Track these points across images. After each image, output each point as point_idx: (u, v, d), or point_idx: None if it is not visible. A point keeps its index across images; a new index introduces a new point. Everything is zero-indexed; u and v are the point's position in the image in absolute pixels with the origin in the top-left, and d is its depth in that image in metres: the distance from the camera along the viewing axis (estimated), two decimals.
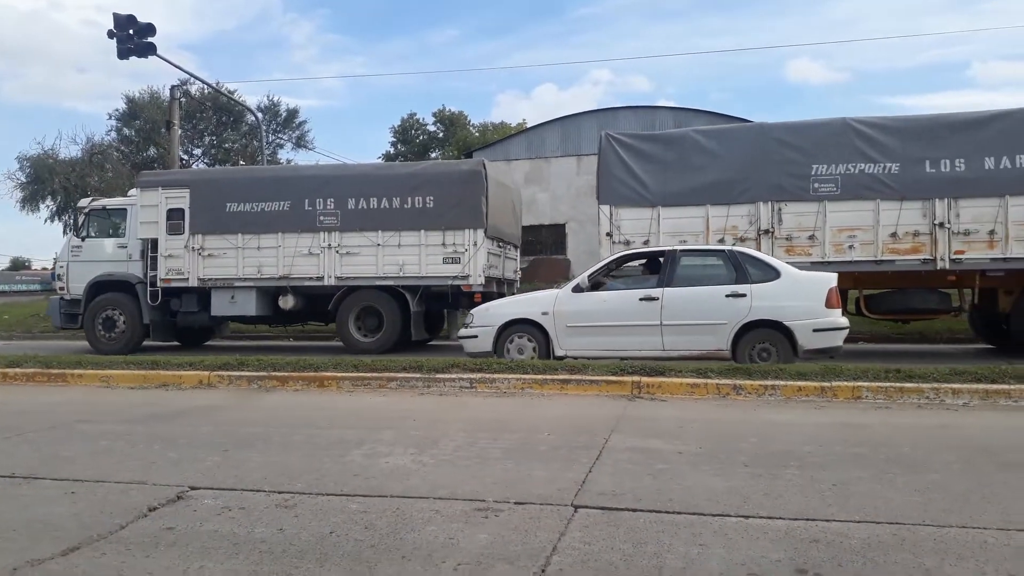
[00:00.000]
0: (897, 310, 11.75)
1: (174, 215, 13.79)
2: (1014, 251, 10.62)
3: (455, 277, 12.72)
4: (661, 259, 9.71)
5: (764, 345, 9.02)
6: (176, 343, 15.25)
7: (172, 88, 24.56)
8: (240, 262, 13.55)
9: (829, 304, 8.98)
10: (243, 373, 8.64)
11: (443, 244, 12.77)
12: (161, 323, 14.13)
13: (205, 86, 34.38)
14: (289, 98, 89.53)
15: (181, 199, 13.84)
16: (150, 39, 18.69)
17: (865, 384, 7.24)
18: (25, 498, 4.33)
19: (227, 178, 14.86)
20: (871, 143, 11.14)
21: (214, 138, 44.15)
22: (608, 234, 11.83)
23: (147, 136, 41.64)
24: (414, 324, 13.01)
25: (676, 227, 11.57)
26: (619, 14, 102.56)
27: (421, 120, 59.27)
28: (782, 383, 7.35)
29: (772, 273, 9.17)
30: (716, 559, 3.24)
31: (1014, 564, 3.15)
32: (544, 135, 28.66)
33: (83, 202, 15.28)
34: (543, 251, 26.89)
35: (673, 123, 27.01)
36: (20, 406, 7.67)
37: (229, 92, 36.25)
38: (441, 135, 57.99)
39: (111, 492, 4.40)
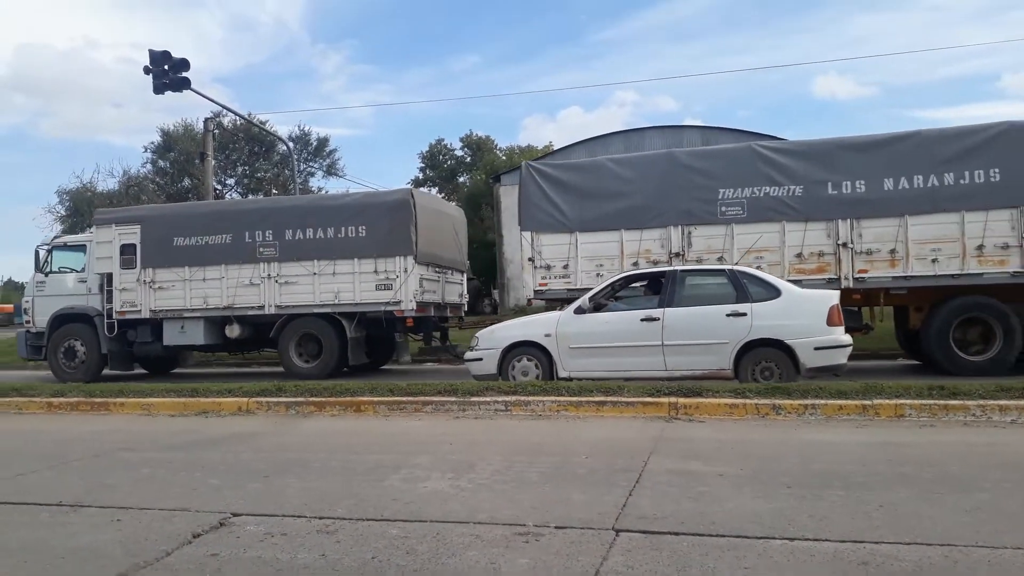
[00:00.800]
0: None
1: (127, 250, 14.42)
2: (915, 269, 10.84)
3: (388, 303, 13.07)
4: (663, 279, 9.73)
5: (766, 364, 8.99)
6: (140, 371, 15.75)
7: (206, 120, 25.12)
8: (188, 294, 14.10)
9: (831, 322, 8.94)
10: (281, 399, 8.71)
11: (375, 271, 13.17)
12: (119, 353, 14.67)
13: (237, 117, 35.16)
14: (319, 127, 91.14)
15: (133, 235, 14.47)
16: (184, 74, 19.16)
17: (908, 402, 7.09)
18: (72, 526, 4.39)
19: (173, 213, 15.43)
20: (775, 167, 11.45)
21: (247, 168, 44.98)
22: (530, 259, 12.29)
23: (181, 168, 42.55)
24: (351, 349, 13.32)
25: (593, 251, 11.99)
26: (640, 36, 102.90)
27: (449, 145, 59.82)
28: (822, 402, 7.23)
29: (773, 292, 9.17)
30: None
31: None
32: (571, 156, 28.66)
33: (45, 239, 15.88)
34: None
35: (701, 141, 26.95)
36: (64, 435, 7.81)
37: (261, 123, 36.97)
38: (468, 159, 58.42)
39: (155, 519, 4.45)
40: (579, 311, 9.62)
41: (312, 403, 8.54)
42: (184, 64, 19.00)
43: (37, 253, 15.37)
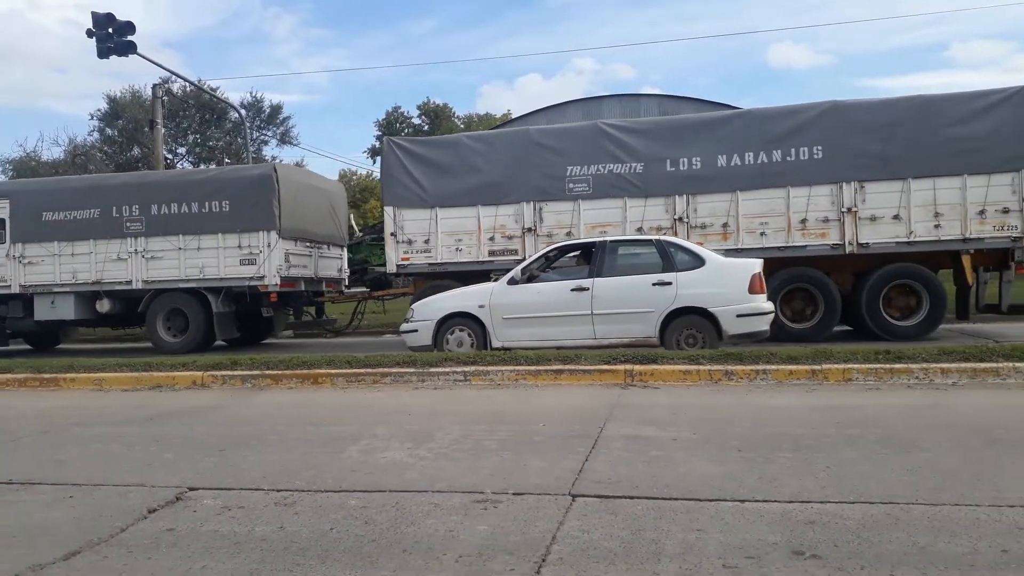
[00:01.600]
0: None
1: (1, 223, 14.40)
2: (745, 242, 11.42)
3: (251, 278, 13.24)
4: (593, 250, 9.89)
5: (691, 331, 9.25)
6: (22, 347, 15.80)
7: (154, 87, 24.38)
8: (57, 268, 14.12)
9: (752, 290, 9.20)
10: (236, 372, 8.62)
11: (239, 246, 13.30)
12: None
13: (187, 84, 34.16)
14: (273, 94, 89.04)
15: (3, 210, 14.42)
16: (130, 37, 18.51)
17: (855, 366, 7.30)
18: (23, 504, 4.32)
19: (43, 188, 15.29)
20: (619, 145, 11.93)
21: (198, 136, 43.87)
22: (392, 234, 12.69)
23: (130, 136, 41.31)
24: (218, 324, 13.45)
25: (452, 227, 12.45)
26: (598, 1, 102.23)
27: (406, 113, 59.15)
28: (773, 367, 7.41)
29: (697, 261, 9.40)
30: (714, 544, 3.28)
31: (1006, 540, 3.21)
32: (529, 125, 28.60)
33: None
34: None
35: (659, 110, 27.04)
36: (12, 411, 7.64)
37: (212, 89, 36.04)
38: (426, 128, 57.84)
39: (109, 495, 4.40)
40: (512, 282, 9.78)
41: (268, 376, 8.47)
42: (129, 27, 18.36)
43: None
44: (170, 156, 38.24)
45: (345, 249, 16.03)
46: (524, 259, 11.99)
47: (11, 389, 9.14)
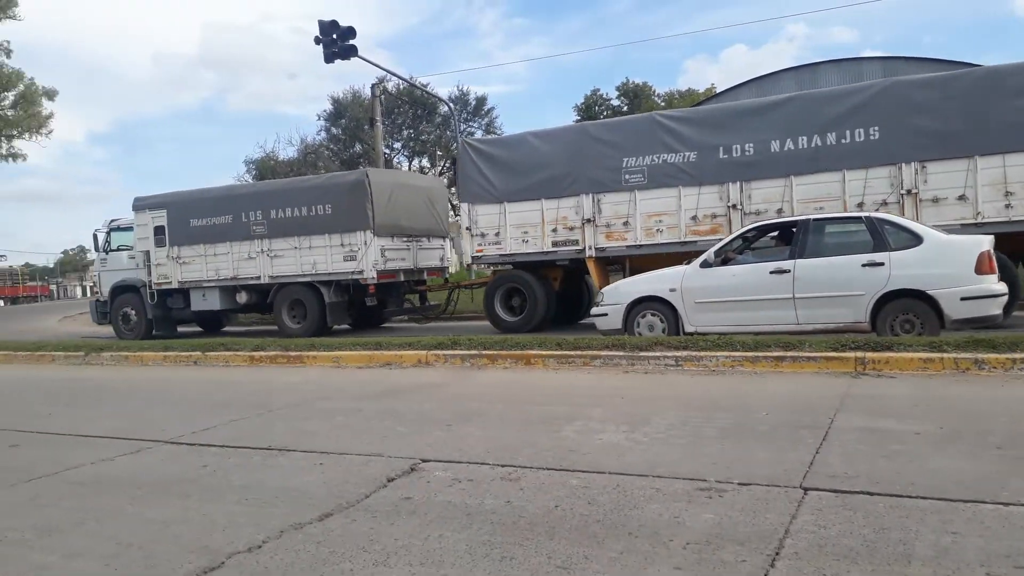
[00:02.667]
0: None
1: (158, 231, 16.62)
2: None
3: (353, 272, 14.51)
4: (794, 229, 9.22)
5: (907, 316, 8.35)
6: (196, 328, 18.48)
7: (373, 86, 26.21)
8: (204, 267, 16.15)
9: (980, 270, 8.12)
10: (457, 352, 9.08)
11: (342, 244, 14.65)
12: (161, 317, 16.94)
13: (401, 82, 36.35)
14: (477, 86, 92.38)
15: (161, 218, 16.64)
16: (352, 41, 20.02)
17: None
18: (282, 468, 4.83)
19: (189, 199, 16.95)
20: (673, 135, 11.93)
21: (411, 131, 46.61)
22: (467, 228, 13.50)
23: (352, 134, 44.79)
24: (330, 313, 14.85)
25: (519, 220, 13.01)
26: None
27: (605, 95, 58.88)
28: None
29: (914, 239, 8.46)
30: (973, 549, 2.97)
31: None
32: (738, 97, 27.36)
33: (103, 223, 18.00)
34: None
35: (883, 73, 24.79)
36: (267, 385, 8.59)
37: (423, 85, 38.07)
38: (626, 108, 57.26)
39: (353, 463, 4.81)
40: (705, 265, 9.37)
41: (485, 356, 8.84)
42: (351, 32, 19.83)
43: (95, 236, 17.77)
44: (387, 151, 40.94)
45: (447, 239, 16.77)
46: (584, 248, 12.61)
47: (264, 365, 10.28)
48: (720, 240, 10.61)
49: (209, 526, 3.75)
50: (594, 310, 10.31)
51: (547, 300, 13.11)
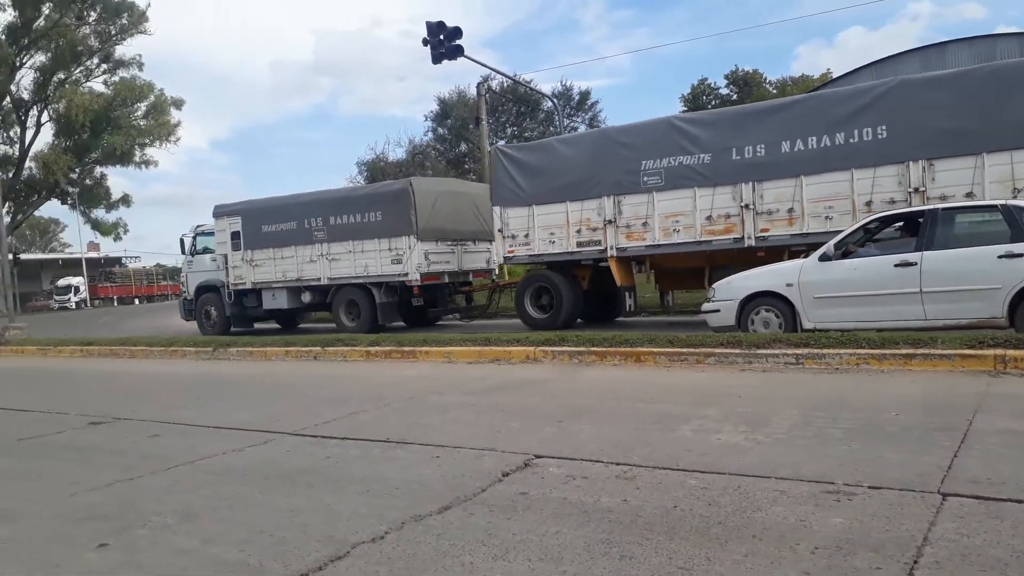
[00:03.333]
0: None
1: (235, 236, 17.92)
2: (810, 227, 11.14)
3: (399, 275, 15.47)
4: (920, 220, 8.57)
5: None
6: (274, 326, 19.75)
7: (478, 85, 26.56)
8: (274, 269, 17.39)
9: None
10: (564, 348, 9.07)
11: (389, 249, 15.64)
12: (238, 315, 18.32)
13: (505, 80, 36.65)
14: (581, 81, 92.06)
15: (237, 224, 17.96)
16: (458, 41, 20.33)
17: None
18: (400, 460, 4.96)
19: (260, 207, 18.27)
20: (688, 137, 12.15)
21: (515, 128, 46.93)
22: (499, 230, 14.14)
23: (458, 133, 45.55)
24: (380, 312, 15.82)
25: (546, 221, 13.54)
26: None
27: (712, 84, 57.36)
28: None
29: None
30: None
31: None
32: (856, 82, 25.98)
33: (189, 229, 19.57)
34: None
35: (1019, 51, 23.05)
36: (382, 379, 8.85)
37: (526, 82, 38.25)
38: (735, 97, 55.58)
39: (467, 457, 4.88)
40: (824, 258, 8.90)
41: (594, 352, 8.79)
42: (457, 32, 20.15)
43: (182, 240, 19.38)
44: (492, 149, 41.37)
45: (493, 243, 16.85)
46: (606, 248, 12.92)
47: (379, 360, 10.59)
48: (779, 235, 11.28)
49: (333, 516, 3.89)
50: (705, 306, 10.05)
51: (573, 298, 13.49)
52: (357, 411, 6.76)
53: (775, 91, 47.48)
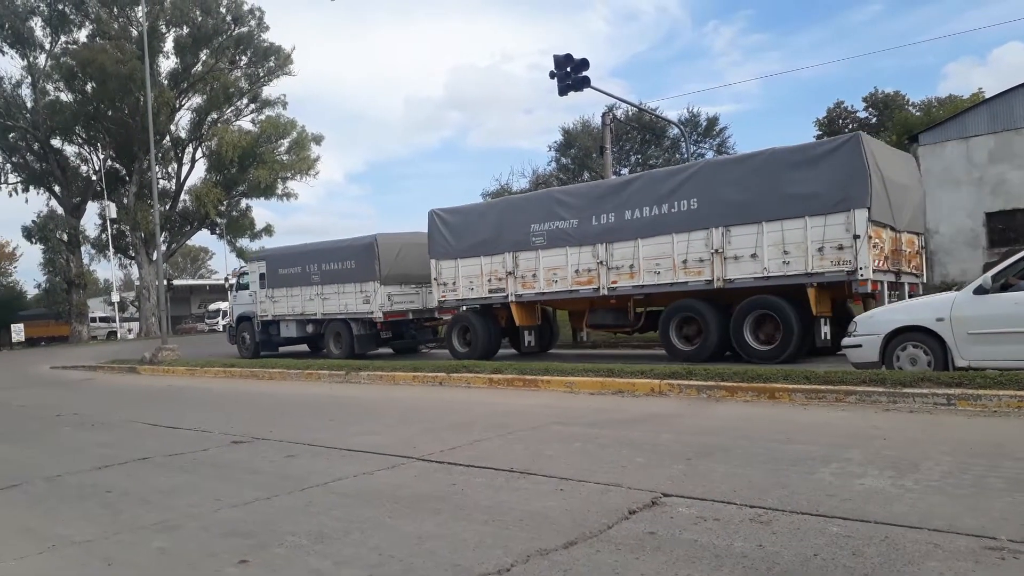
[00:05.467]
0: (598, 324, 15.16)
1: (261, 277, 21.70)
2: (645, 280, 13.30)
3: (367, 313, 18.55)
4: None
5: None
6: (302, 349, 22.52)
7: (603, 115, 26.51)
8: (287, 304, 20.86)
9: None
10: (692, 382, 8.82)
11: (361, 291, 18.77)
12: (265, 341, 21.83)
13: (629, 108, 36.51)
14: (708, 107, 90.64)
15: (263, 268, 21.78)
16: (584, 73, 20.45)
17: None
18: (524, 491, 4.93)
19: (279, 254, 22.40)
20: (562, 206, 14.56)
21: (639, 156, 46.61)
22: (435, 278, 16.62)
23: (581, 162, 45.71)
24: (357, 342, 18.79)
25: (467, 272, 16.02)
26: None
27: (849, 108, 54.94)
28: None
29: None
30: None
31: None
32: (1013, 102, 24.18)
33: (233, 270, 23.65)
34: (1019, 240, 22.57)
35: None
36: (505, 407, 8.89)
37: (652, 110, 37.95)
38: (874, 120, 52.96)
39: (592, 492, 4.79)
40: (980, 291, 8.14)
41: (724, 387, 8.48)
42: (584, 64, 20.27)
43: (227, 280, 23.67)
44: (615, 177, 41.23)
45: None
46: (508, 294, 15.16)
47: (501, 388, 10.67)
48: (624, 286, 13.61)
49: (460, 544, 3.91)
50: (846, 340, 9.48)
51: (488, 335, 15.91)
52: (481, 438, 6.81)
53: (918, 113, 44.85)
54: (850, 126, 54.84)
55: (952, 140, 24.56)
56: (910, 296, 12.14)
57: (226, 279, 23.63)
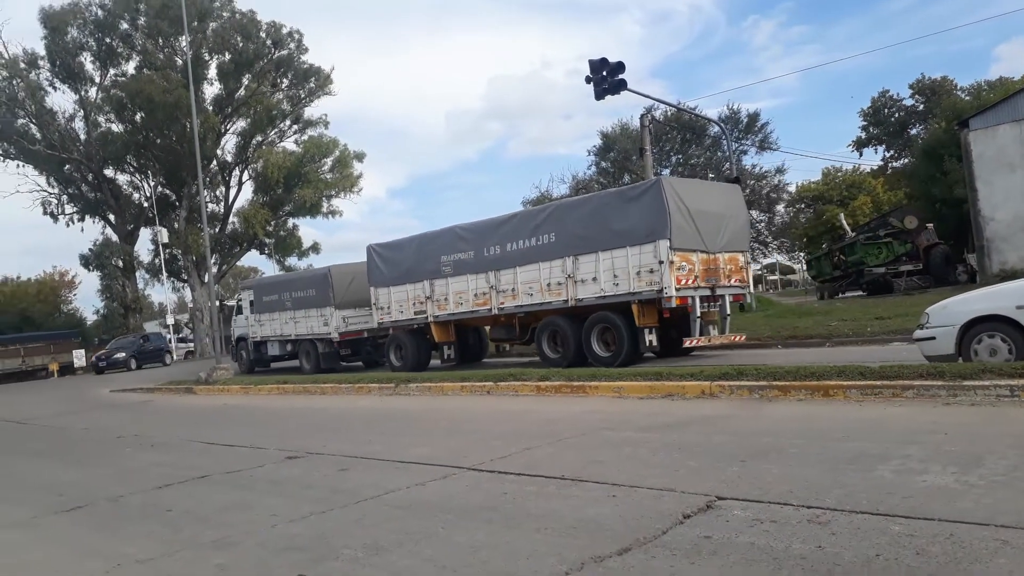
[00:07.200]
0: (497, 338, 18.01)
1: (252, 303, 24.68)
2: (522, 300, 15.54)
3: (327, 333, 21.33)
4: None
5: None
6: (293, 364, 24.13)
7: (641, 116, 26.45)
8: (270, 327, 23.74)
9: None
10: (743, 383, 8.67)
11: (320, 315, 21.58)
12: (257, 359, 24.89)
13: (668, 109, 36.25)
14: (747, 103, 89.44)
15: (250, 295, 25.03)
16: (621, 76, 20.37)
17: None
18: (576, 499, 4.91)
19: (263, 283, 26.28)
20: (463, 240, 16.85)
21: (680, 156, 46.18)
22: (374, 303, 19.10)
23: (621, 166, 45.46)
24: (323, 359, 21.68)
25: (398, 297, 18.39)
26: None
27: (895, 96, 53.80)
28: None
29: None
30: None
31: None
32: None
33: (233, 299, 26.39)
34: None
35: None
36: (553, 414, 8.87)
37: (691, 109, 37.61)
38: (921, 108, 51.72)
39: (645, 497, 4.74)
40: None
41: (776, 387, 8.33)
42: (620, 67, 20.22)
43: (225, 305, 26.40)
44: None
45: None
46: (428, 316, 17.57)
47: (549, 395, 10.64)
48: (508, 306, 15.85)
49: (513, 554, 3.90)
50: (918, 332, 9.12)
51: (417, 351, 18.26)
52: (531, 447, 6.80)
53: (968, 97, 43.60)
54: (896, 115, 53.67)
55: (1004, 123, 23.81)
56: (737, 306, 16.18)
57: (223, 303, 27.12)
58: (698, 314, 13.63)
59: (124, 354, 37.92)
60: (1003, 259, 23.22)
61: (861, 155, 56.71)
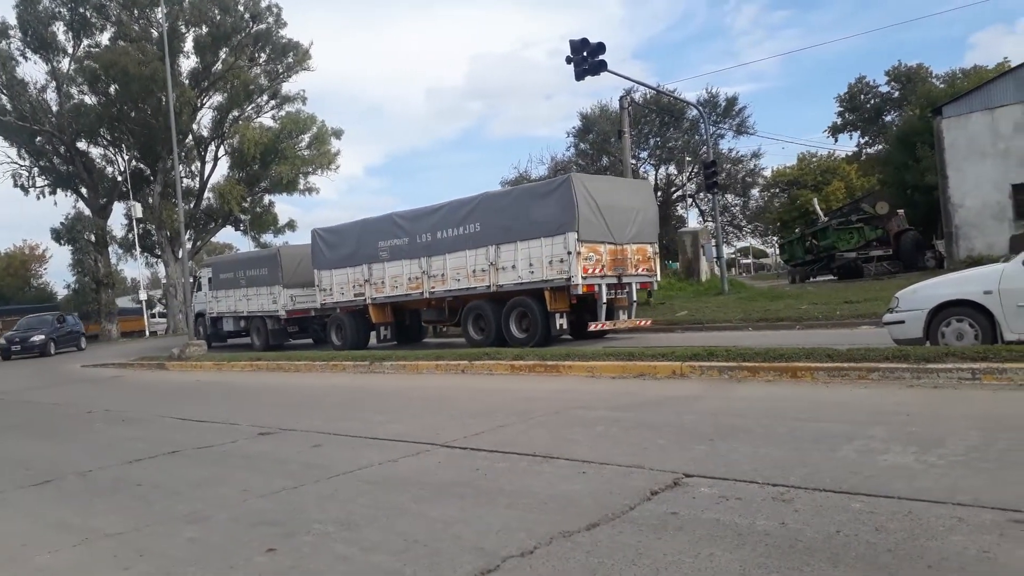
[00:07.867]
0: (429, 320, 18.76)
1: (210, 281, 25.71)
2: (450, 285, 16.56)
3: (277, 311, 22.27)
4: None
5: None
6: (225, 344, 25.89)
7: (621, 98, 26.45)
8: (226, 304, 24.79)
9: None
10: (713, 364, 8.79)
11: (270, 293, 22.56)
12: (213, 334, 25.47)
13: (648, 91, 36.27)
14: (726, 87, 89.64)
15: (208, 272, 26.22)
16: (601, 57, 20.33)
17: None
18: (547, 475, 4.97)
19: (220, 261, 27.58)
20: (398, 227, 17.88)
21: (658, 139, 46.28)
22: (317, 284, 20.14)
23: (599, 147, 45.48)
24: (271, 335, 22.72)
25: (339, 280, 19.44)
26: None
27: (872, 82, 54.27)
28: None
29: None
30: None
31: None
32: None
33: (196, 275, 27.82)
34: None
35: None
36: (527, 393, 8.93)
37: (670, 92, 37.65)
38: (896, 94, 52.22)
39: (615, 474, 4.82)
40: None
41: (745, 368, 8.46)
42: (600, 48, 20.17)
43: (194, 278, 27.44)
44: (634, 161, 40.94)
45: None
46: (366, 298, 18.62)
47: (523, 374, 10.71)
48: (438, 290, 16.91)
49: (484, 528, 3.96)
50: (887, 316, 9.28)
51: (356, 330, 19.09)
52: (504, 424, 6.85)
53: (942, 85, 44.07)
54: (872, 101, 54.15)
55: (977, 111, 24.15)
56: (645, 293, 17.66)
57: (193, 277, 27.42)
58: (604, 300, 14.84)
59: (42, 336, 32.17)
60: (971, 246, 23.63)
61: (836, 141, 57.31)
